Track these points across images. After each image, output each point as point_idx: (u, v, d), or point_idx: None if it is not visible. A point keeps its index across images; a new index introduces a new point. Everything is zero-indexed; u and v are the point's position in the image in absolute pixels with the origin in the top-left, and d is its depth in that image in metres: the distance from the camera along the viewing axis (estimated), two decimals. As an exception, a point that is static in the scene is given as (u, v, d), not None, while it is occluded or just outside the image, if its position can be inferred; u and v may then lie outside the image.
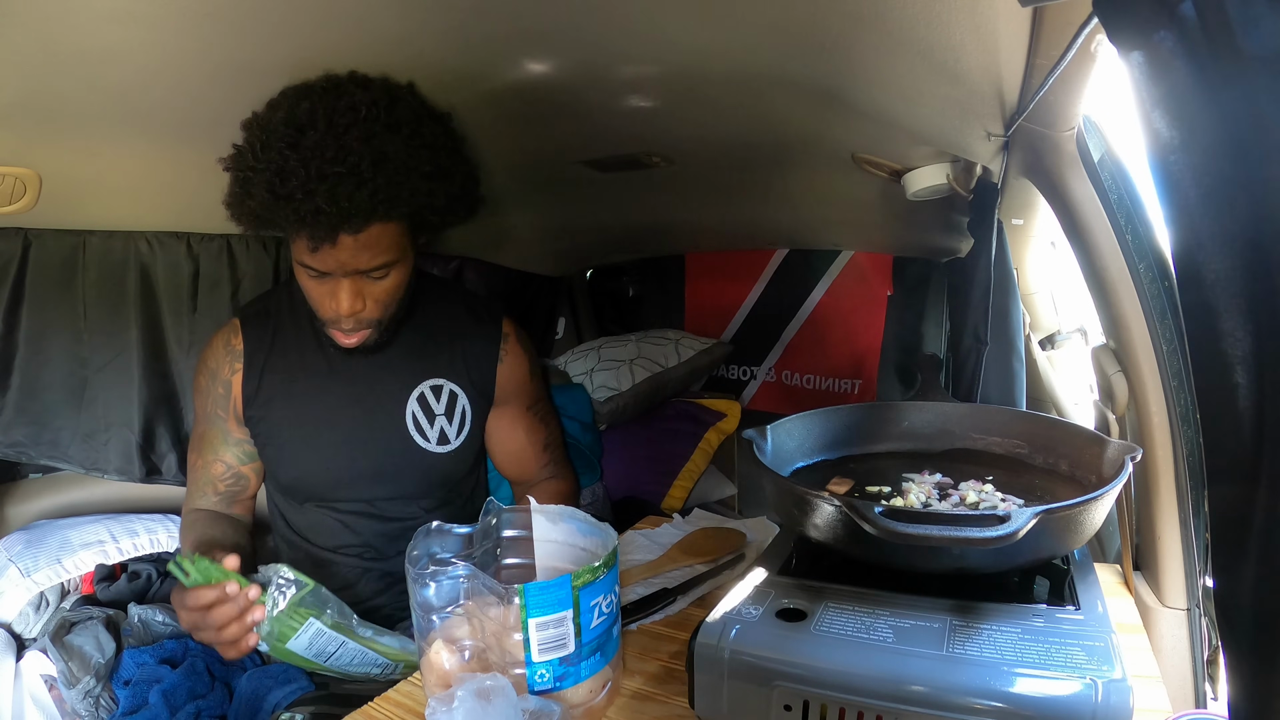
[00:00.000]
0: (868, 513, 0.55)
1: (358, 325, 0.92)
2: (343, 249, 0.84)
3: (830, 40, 0.76)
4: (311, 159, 0.78)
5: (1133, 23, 0.30)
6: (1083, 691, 0.48)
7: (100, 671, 0.99)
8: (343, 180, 0.78)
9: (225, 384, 1.03)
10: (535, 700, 0.60)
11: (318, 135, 0.79)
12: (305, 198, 0.78)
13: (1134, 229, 0.77)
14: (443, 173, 0.88)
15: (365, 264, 0.87)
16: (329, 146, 0.78)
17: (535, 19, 0.76)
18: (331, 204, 0.79)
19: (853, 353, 1.78)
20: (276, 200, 0.80)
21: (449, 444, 1.04)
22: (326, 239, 0.82)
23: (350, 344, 0.94)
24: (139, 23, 0.73)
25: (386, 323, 0.96)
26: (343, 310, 0.89)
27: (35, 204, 1.05)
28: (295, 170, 0.78)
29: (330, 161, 0.78)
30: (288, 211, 0.80)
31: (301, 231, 0.83)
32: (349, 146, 0.79)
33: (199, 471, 1.04)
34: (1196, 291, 0.30)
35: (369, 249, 0.85)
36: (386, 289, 0.92)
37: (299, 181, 0.78)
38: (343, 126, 0.79)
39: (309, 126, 0.79)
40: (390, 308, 0.95)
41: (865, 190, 1.24)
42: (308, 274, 0.89)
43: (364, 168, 0.79)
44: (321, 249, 0.84)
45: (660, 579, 0.90)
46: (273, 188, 0.79)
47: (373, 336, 0.95)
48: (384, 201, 0.81)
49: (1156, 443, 0.79)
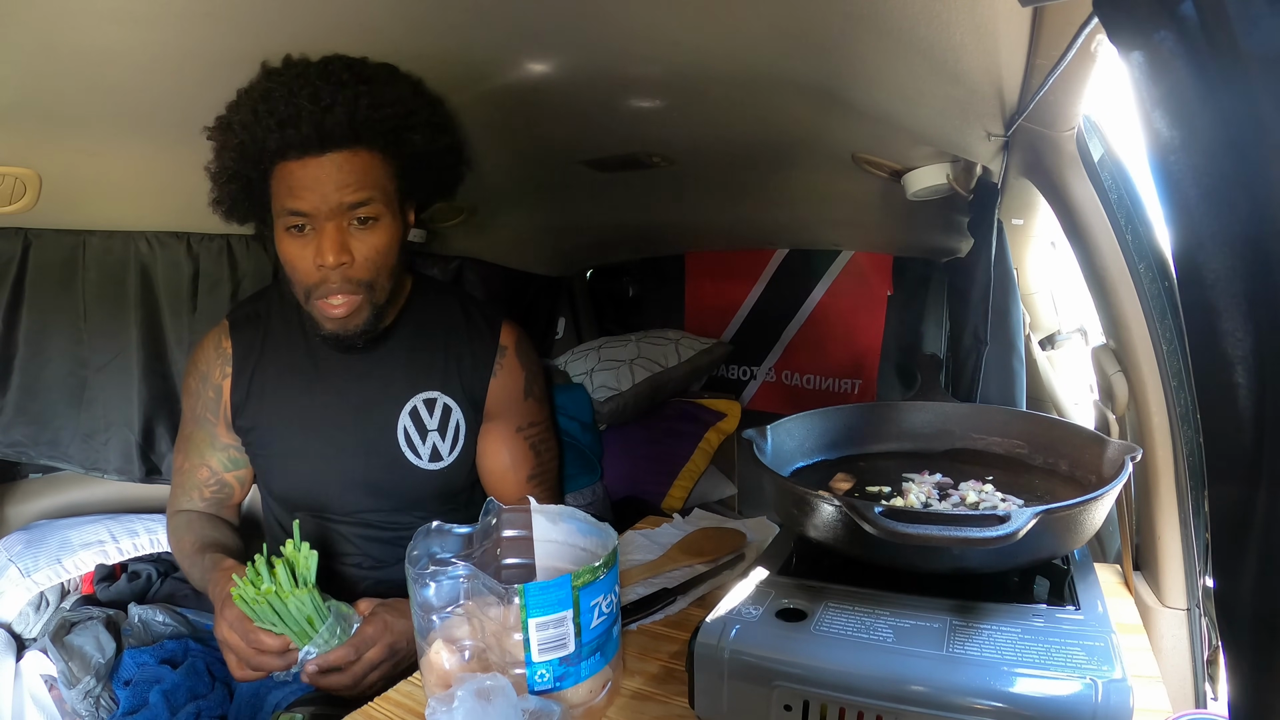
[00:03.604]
0: (868, 513, 0.55)
1: (345, 286, 0.88)
2: (325, 176, 0.84)
3: (830, 40, 0.76)
4: (295, 80, 0.82)
5: (1133, 23, 0.30)
6: (1083, 691, 0.48)
7: (100, 671, 0.99)
8: (325, 87, 0.81)
9: (216, 389, 1.01)
10: (535, 700, 0.60)
11: (299, 68, 0.82)
12: (287, 104, 0.81)
13: (1134, 229, 0.77)
14: (426, 100, 0.90)
15: (349, 196, 0.85)
16: (311, 71, 0.82)
17: (535, 19, 0.76)
18: (314, 102, 0.81)
19: (853, 353, 1.78)
20: (258, 120, 0.82)
21: (441, 460, 1.00)
22: (313, 144, 0.83)
23: (338, 313, 0.89)
24: (139, 22, 0.73)
25: (379, 294, 0.91)
26: (329, 260, 0.85)
27: (35, 204, 1.05)
28: (278, 91, 0.82)
29: (314, 78, 0.82)
30: (270, 123, 0.81)
31: (285, 146, 0.83)
32: (331, 70, 0.83)
33: (185, 475, 1.03)
34: (1196, 291, 0.30)
35: (352, 180, 0.85)
36: (374, 246, 0.88)
37: (282, 96, 0.81)
38: (324, 60, 0.83)
39: (289, 67, 0.83)
40: (380, 274, 0.90)
41: (865, 190, 1.24)
42: (290, 227, 0.87)
43: (346, 79, 0.82)
44: (304, 178, 0.84)
45: (660, 579, 0.90)
46: (256, 112, 0.82)
47: (364, 311, 0.90)
48: (367, 107, 0.83)
49: (1156, 443, 0.79)
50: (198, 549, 0.93)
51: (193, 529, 0.98)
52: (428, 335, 1.02)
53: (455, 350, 1.02)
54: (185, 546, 0.96)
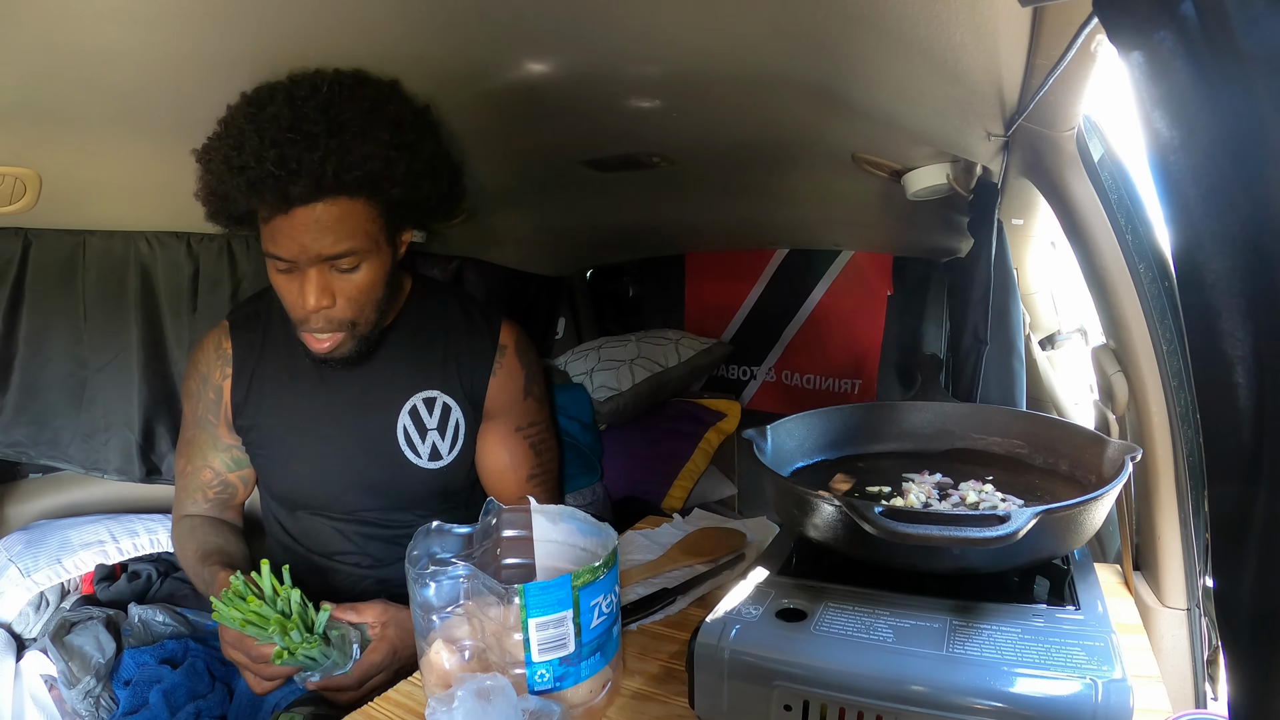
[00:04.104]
0: (868, 513, 0.55)
1: (328, 325, 0.88)
2: (301, 228, 0.81)
3: (830, 40, 0.76)
4: (267, 128, 0.78)
5: (1133, 23, 0.30)
6: (1083, 691, 0.48)
7: (100, 671, 0.99)
8: (293, 145, 0.78)
9: (216, 389, 1.01)
10: (535, 700, 0.60)
11: (275, 108, 0.79)
12: (257, 164, 0.77)
13: (1134, 229, 0.77)
14: (404, 145, 0.84)
15: (328, 248, 0.83)
16: (285, 116, 0.78)
17: (535, 19, 0.76)
18: (280, 166, 0.77)
19: (853, 353, 1.78)
20: (230, 172, 0.79)
21: (441, 459, 1.00)
22: (279, 206, 0.80)
23: (322, 349, 0.90)
24: (138, 22, 0.73)
25: (363, 328, 0.91)
26: (309, 305, 0.85)
27: (35, 204, 1.05)
28: (250, 139, 0.78)
29: (285, 129, 0.78)
30: (239, 181, 0.79)
31: (254, 203, 0.81)
32: (305, 115, 0.78)
33: (188, 478, 1.03)
34: (1196, 291, 0.30)
35: (330, 231, 0.82)
36: (358, 285, 0.87)
37: (252, 150, 0.78)
38: (300, 99, 0.79)
39: (268, 103, 0.79)
40: (365, 310, 0.90)
41: (865, 190, 1.24)
42: (276, 267, 0.86)
43: (317, 133, 0.78)
44: (281, 229, 0.82)
45: (660, 579, 0.90)
46: (229, 160, 0.79)
47: (348, 344, 0.91)
48: (334, 164, 0.78)
49: (1156, 443, 0.79)
50: (199, 558, 0.93)
51: (195, 536, 0.98)
52: (427, 335, 1.02)
53: (455, 349, 1.02)
54: (189, 555, 0.97)
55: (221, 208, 0.87)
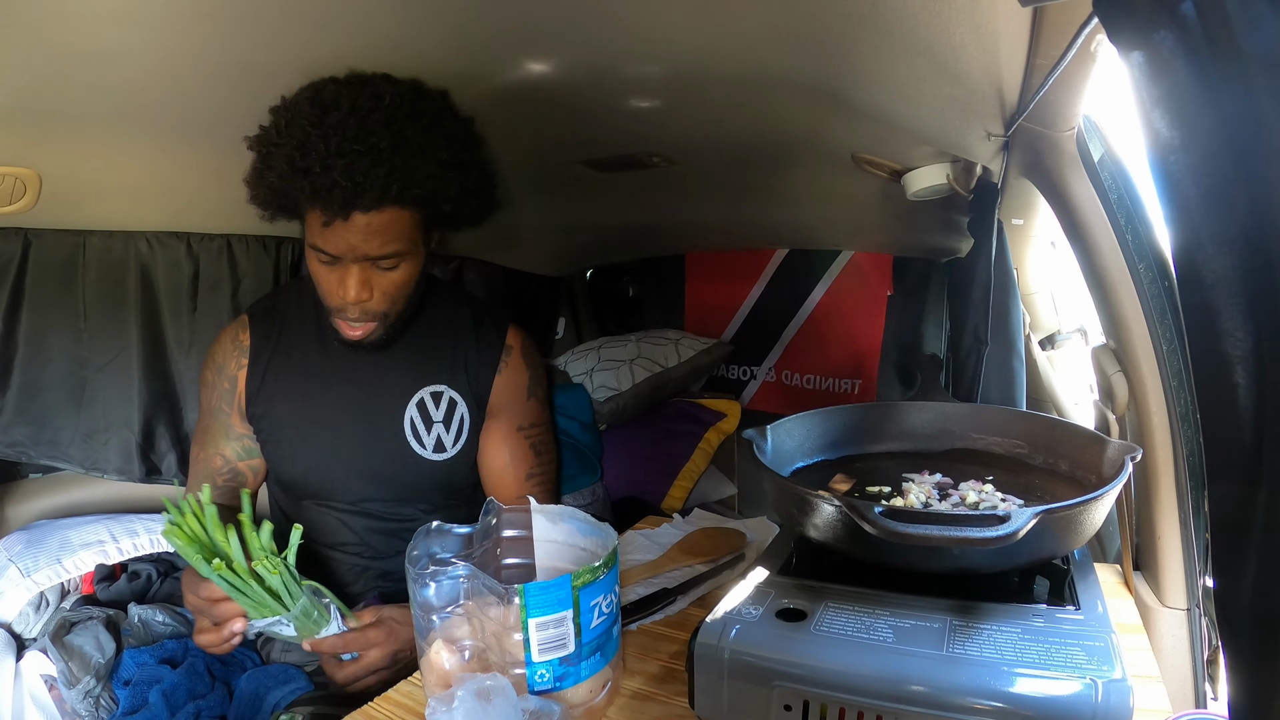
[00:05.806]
0: (868, 513, 0.55)
1: (363, 316, 0.92)
2: (354, 230, 0.85)
3: (830, 40, 0.76)
4: (332, 136, 0.80)
5: (1133, 23, 0.30)
6: (1083, 691, 0.48)
7: (100, 671, 0.99)
8: (360, 157, 0.80)
9: (231, 379, 1.04)
10: (535, 700, 0.60)
11: (340, 115, 0.81)
12: (323, 171, 0.80)
13: (1134, 229, 0.77)
14: (459, 164, 0.89)
15: (375, 250, 0.87)
16: (350, 126, 0.80)
17: (535, 19, 0.76)
18: (347, 178, 0.80)
19: (853, 353, 1.78)
20: (294, 173, 0.82)
21: (445, 452, 1.04)
22: (340, 214, 0.83)
23: (355, 336, 0.94)
24: (139, 23, 0.73)
25: (393, 319, 0.96)
26: (349, 298, 0.89)
27: (35, 204, 1.05)
28: (316, 145, 0.80)
29: (351, 139, 0.80)
30: (304, 184, 0.81)
31: (316, 206, 0.84)
32: (370, 128, 0.81)
33: (199, 465, 1.05)
34: (1196, 291, 0.30)
35: (380, 235, 0.86)
36: (395, 281, 0.92)
37: (318, 155, 0.80)
38: (365, 110, 0.81)
39: (333, 108, 0.81)
40: (398, 303, 0.95)
41: (865, 190, 1.24)
42: (319, 258, 0.89)
43: (383, 148, 0.81)
44: (334, 229, 0.84)
45: (660, 579, 0.90)
46: (292, 161, 0.81)
47: (378, 331, 0.95)
48: (399, 181, 0.82)
49: (1156, 443, 0.79)
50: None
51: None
52: (437, 333, 1.05)
53: (463, 347, 1.06)
54: None
55: (273, 200, 0.90)
